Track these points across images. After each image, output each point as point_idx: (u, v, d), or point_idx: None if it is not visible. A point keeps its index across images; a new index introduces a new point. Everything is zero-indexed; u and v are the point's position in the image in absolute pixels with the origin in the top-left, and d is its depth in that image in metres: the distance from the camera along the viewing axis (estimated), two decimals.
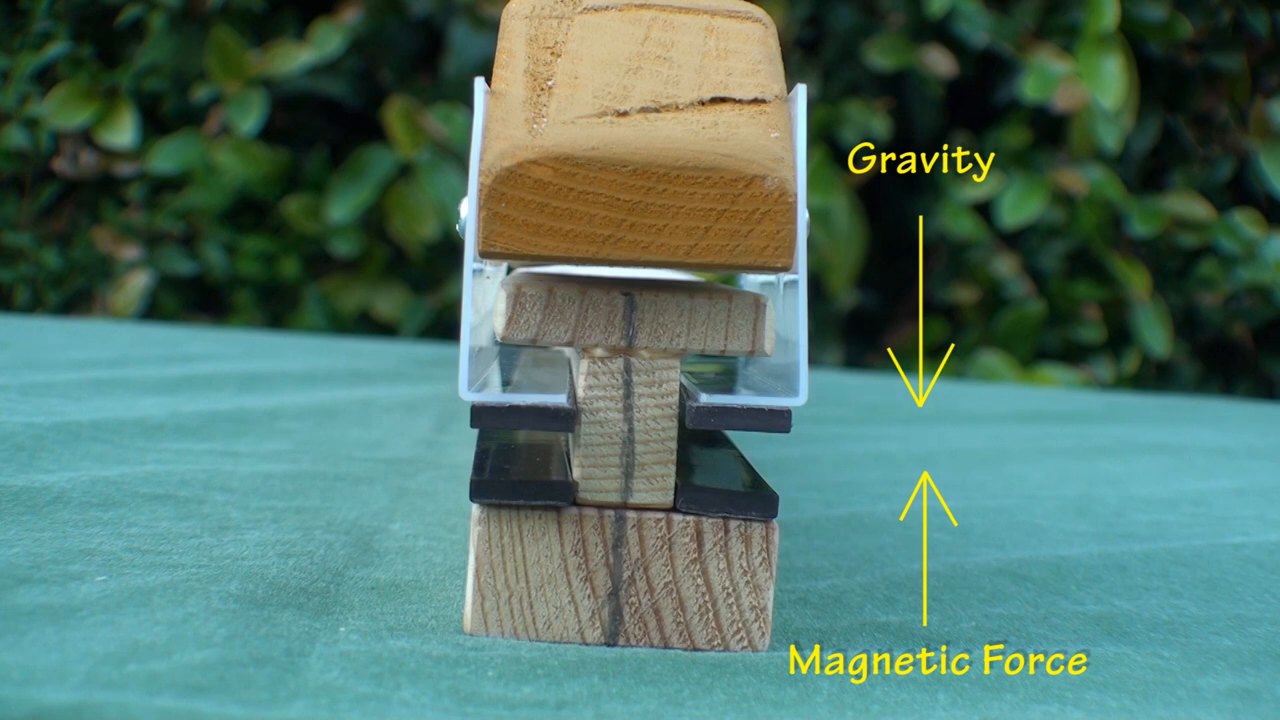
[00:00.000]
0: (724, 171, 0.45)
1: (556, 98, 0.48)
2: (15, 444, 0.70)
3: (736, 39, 0.51)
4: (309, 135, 1.77)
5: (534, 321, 0.48)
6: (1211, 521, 0.80)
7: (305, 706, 0.41)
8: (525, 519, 0.49)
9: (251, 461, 0.74)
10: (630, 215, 0.45)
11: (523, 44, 0.50)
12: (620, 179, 0.45)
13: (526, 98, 0.48)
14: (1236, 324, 1.81)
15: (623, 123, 0.46)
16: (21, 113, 1.68)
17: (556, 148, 0.45)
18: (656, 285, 0.49)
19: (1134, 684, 0.49)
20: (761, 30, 0.52)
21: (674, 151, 0.45)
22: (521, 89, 0.48)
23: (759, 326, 0.48)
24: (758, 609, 0.50)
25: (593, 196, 0.45)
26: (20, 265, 1.69)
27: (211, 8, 1.69)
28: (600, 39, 0.50)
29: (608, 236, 0.45)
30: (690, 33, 0.51)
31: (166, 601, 0.49)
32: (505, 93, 0.48)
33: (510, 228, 0.45)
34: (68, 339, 1.22)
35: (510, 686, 0.44)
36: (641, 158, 0.45)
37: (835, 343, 1.80)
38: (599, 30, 0.50)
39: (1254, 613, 0.60)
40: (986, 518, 0.77)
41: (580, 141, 0.45)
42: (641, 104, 0.47)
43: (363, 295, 1.74)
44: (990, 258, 1.76)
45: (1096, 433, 1.17)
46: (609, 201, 0.45)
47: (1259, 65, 1.83)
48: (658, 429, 0.49)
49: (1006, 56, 1.75)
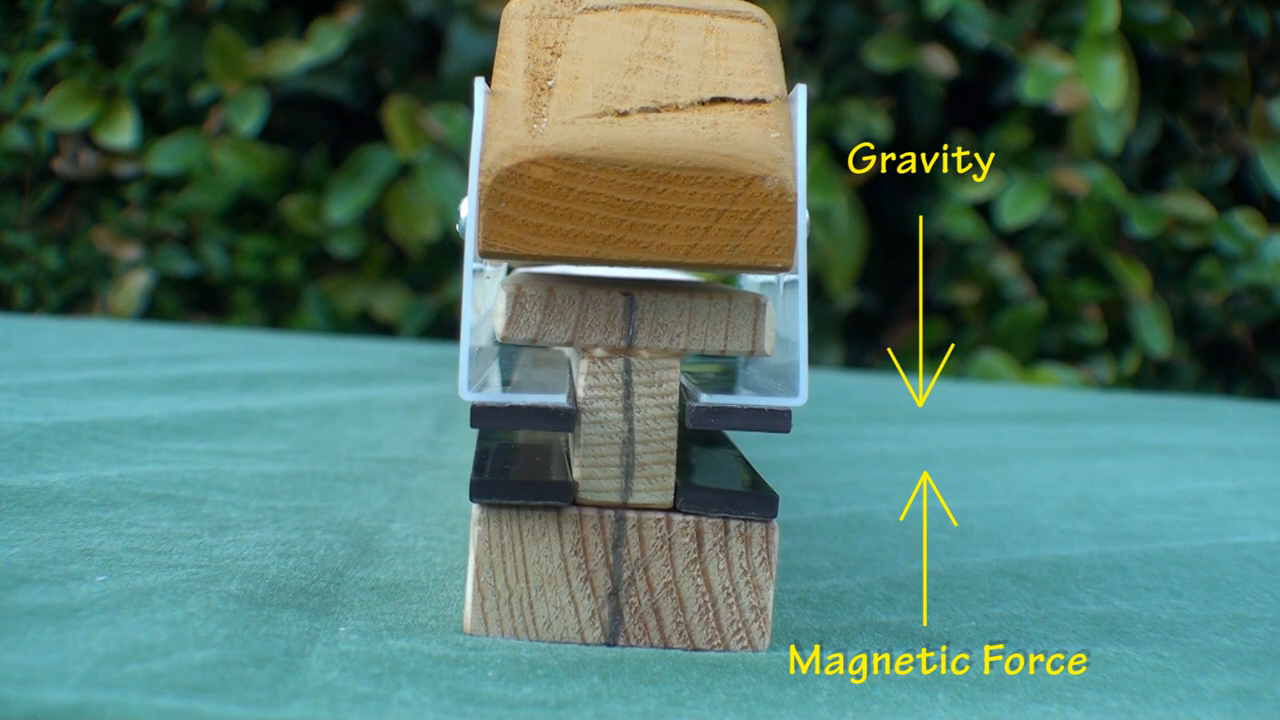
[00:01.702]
0: (724, 172, 0.45)
1: (556, 98, 0.48)
2: (15, 444, 0.70)
3: (736, 39, 0.51)
4: (309, 135, 1.77)
5: (534, 321, 0.48)
6: (1211, 521, 0.80)
7: (305, 706, 0.41)
8: (525, 519, 0.49)
9: (251, 461, 0.74)
10: (630, 215, 0.45)
11: (523, 44, 0.50)
12: (620, 179, 0.45)
13: (526, 98, 0.48)
14: (1236, 324, 1.81)
15: (623, 123, 0.46)
16: (21, 113, 1.68)
17: (556, 148, 0.45)
18: (656, 285, 0.49)
19: (1134, 684, 0.49)
20: (761, 30, 0.52)
21: (674, 152, 0.45)
22: (521, 89, 0.48)
23: (759, 326, 0.48)
24: (758, 609, 0.50)
25: (593, 196, 0.45)
26: (20, 265, 1.69)
27: (211, 8, 1.69)
28: (600, 39, 0.50)
29: (608, 236, 0.45)
30: (690, 33, 0.51)
31: (166, 601, 0.49)
32: (505, 93, 0.48)
33: (510, 228, 0.45)
34: (68, 339, 1.22)
35: (510, 686, 0.44)
36: (641, 158, 0.45)
37: (835, 343, 1.80)
38: (599, 30, 0.50)
39: (1254, 613, 0.60)
40: (986, 518, 0.77)
41: (580, 141, 0.45)
42: (641, 104, 0.47)
43: (363, 295, 1.74)
44: (990, 258, 1.76)
45: (1096, 433, 1.17)
46: (609, 201, 0.45)
47: (1259, 65, 1.84)
48: (658, 429, 0.49)
49: (1006, 56, 1.75)
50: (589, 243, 0.45)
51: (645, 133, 0.46)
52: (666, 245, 0.45)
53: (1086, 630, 0.56)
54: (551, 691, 0.44)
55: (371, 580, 0.55)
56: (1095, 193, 1.72)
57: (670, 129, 0.46)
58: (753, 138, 0.46)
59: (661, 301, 0.48)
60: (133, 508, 0.62)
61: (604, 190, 0.45)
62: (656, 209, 0.45)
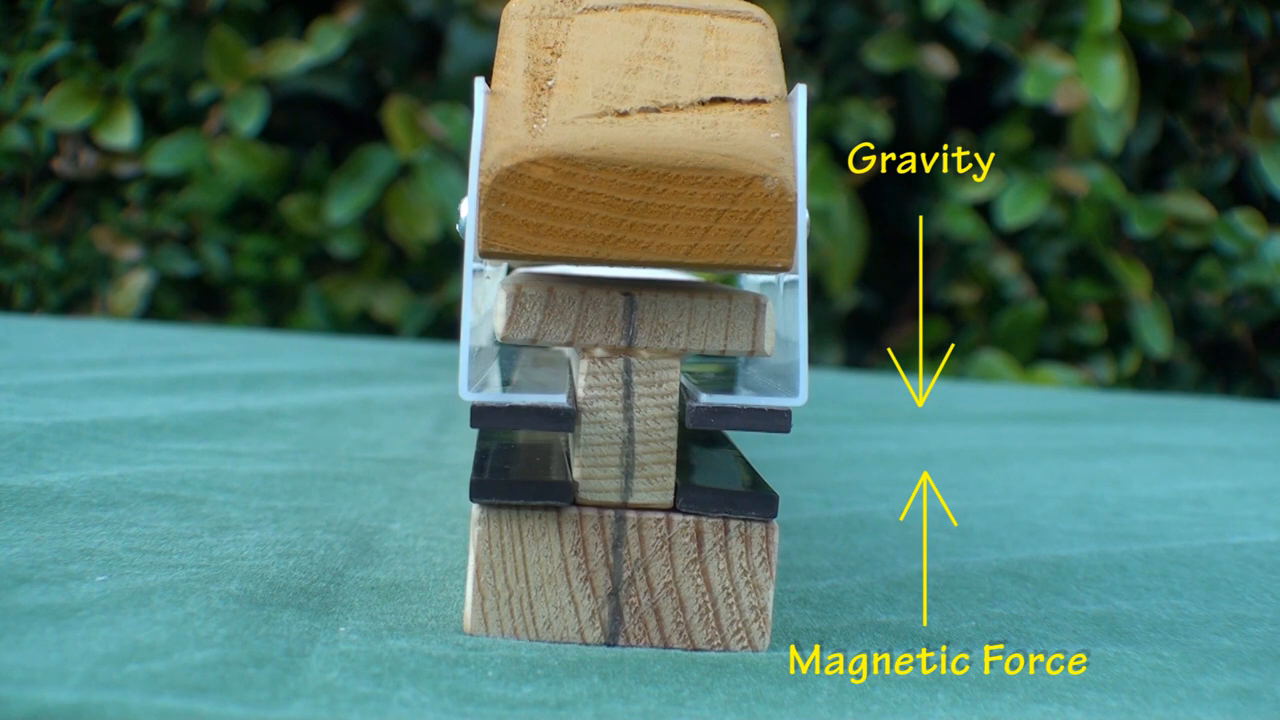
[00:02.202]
0: (724, 172, 0.45)
1: (556, 98, 0.48)
2: (15, 444, 0.70)
3: (736, 39, 0.51)
4: (309, 135, 1.77)
5: (534, 321, 0.48)
6: (1211, 521, 0.80)
7: (305, 706, 0.41)
8: (525, 519, 0.49)
9: (251, 461, 0.74)
10: (630, 215, 0.45)
11: (523, 44, 0.50)
12: (620, 179, 0.45)
13: (526, 98, 0.48)
14: (1236, 324, 1.81)
15: (623, 123, 0.46)
16: (21, 113, 1.68)
17: (556, 148, 0.45)
18: (656, 285, 0.49)
19: (1134, 684, 0.49)
20: (762, 30, 0.52)
21: (674, 152, 0.45)
22: (521, 89, 0.48)
23: (759, 326, 0.48)
24: (757, 609, 0.50)
25: (593, 196, 0.45)
26: (20, 265, 1.69)
27: (211, 8, 1.69)
28: (600, 39, 0.50)
29: (608, 236, 0.45)
30: (690, 33, 0.51)
31: (166, 601, 0.49)
32: (505, 93, 0.48)
33: (510, 228, 0.45)
34: (68, 339, 1.22)
35: (510, 686, 0.44)
36: (641, 158, 0.45)
37: (835, 343, 1.80)
38: (599, 30, 0.51)
39: (1254, 613, 0.60)
40: (986, 518, 0.77)
41: (580, 141, 0.45)
42: (641, 104, 0.48)
43: (363, 295, 1.74)
44: (990, 258, 1.76)
45: (1096, 432, 1.17)
46: (609, 201, 0.45)
47: (1259, 65, 1.84)
48: (658, 429, 0.49)
49: (1006, 56, 1.75)
50: (589, 242, 0.45)
51: (645, 133, 0.46)
52: (666, 245, 0.45)
53: (1087, 630, 0.56)
54: (551, 691, 0.44)
55: (371, 580, 0.55)
56: (1095, 193, 1.72)
57: (670, 129, 0.46)
58: (753, 138, 0.46)
59: (661, 301, 0.48)
60: (133, 508, 0.62)
61: (604, 190, 0.45)
62: (656, 209, 0.45)
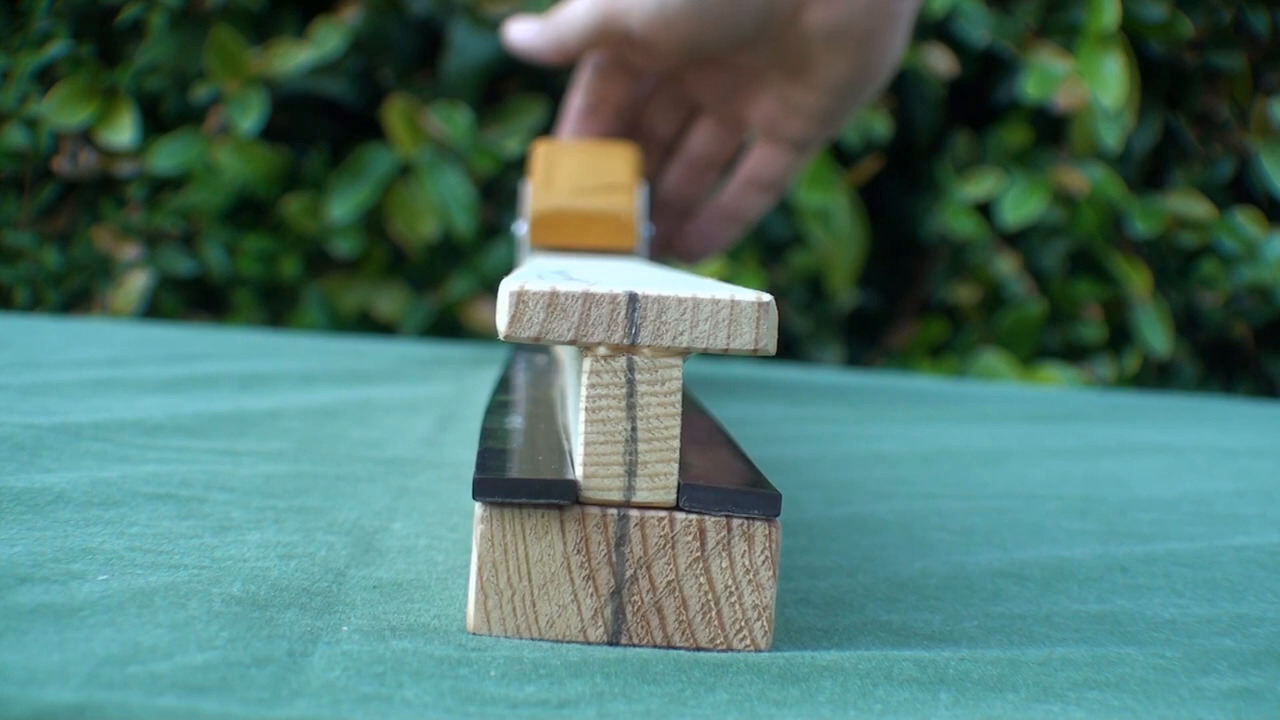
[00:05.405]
0: (614, 217, 0.95)
1: (553, 185, 0.98)
2: (15, 444, 0.70)
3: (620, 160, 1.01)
4: (309, 135, 1.77)
5: (537, 320, 0.48)
6: (1213, 521, 0.80)
7: (307, 706, 0.41)
8: (528, 518, 0.49)
9: (252, 461, 0.74)
10: (580, 230, 0.95)
11: (541, 164, 1.01)
12: (577, 219, 0.95)
13: (541, 184, 0.99)
14: (1238, 323, 1.81)
15: (579, 196, 0.97)
16: (21, 112, 1.68)
17: (554, 207, 0.96)
18: (659, 284, 0.49)
19: (1136, 684, 0.49)
20: (634, 153, 1.02)
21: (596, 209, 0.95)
22: (540, 181, 0.99)
23: (761, 325, 0.48)
24: (760, 608, 0.50)
25: (568, 223, 0.95)
26: (20, 265, 1.69)
27: (211, 7, 1.69)
28: (569, 160, 1.02)
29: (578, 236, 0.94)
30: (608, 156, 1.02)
31: (168, 602, 0.49)
32: (534, 183, 0.99)
33: (541, 235, 0.95)
34: (68, 339, 1.22)
35: (513, 686, 0.44)
36: (584, 211, 0.95)
37: (835, 342, 1.80)
38: (569, 156, 1.02)
39: (1256, 612, 0.60)
40: (988, 517, 0.77)
41: (563, 205, 0.96)
42: (585, 188, 0.97)
43: (363, 295, 1.73)
44: (991, 257, 1.76)
45: (1098, 432, 1.17)
46: (574, 226, 0.95)
47: (1260, 64, 1.83)
48: (661, 428, 0.49)
49: (1007, 56, 1.75)
50: (570, 238, 0.94)
51: (586, 201, 0.96)
52: (594, 240, 0.94)
53: (1089, 630, 0.55)
54: (554, 691, 0.44)
55: (373, 580, 0.55)
56: (1096, 192, 1.72)
57: (596, 200, 0.96)
58: (626, 205, 0.95)
59: (664, 300, 0.48)
60: (134, 507, 0.62)
61: (572, 221, 0.95)
62: (591, 229, 0.95)
